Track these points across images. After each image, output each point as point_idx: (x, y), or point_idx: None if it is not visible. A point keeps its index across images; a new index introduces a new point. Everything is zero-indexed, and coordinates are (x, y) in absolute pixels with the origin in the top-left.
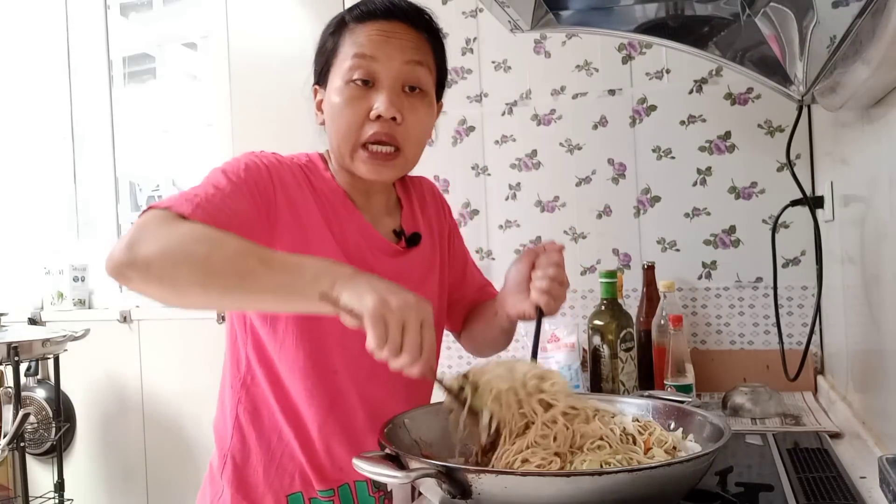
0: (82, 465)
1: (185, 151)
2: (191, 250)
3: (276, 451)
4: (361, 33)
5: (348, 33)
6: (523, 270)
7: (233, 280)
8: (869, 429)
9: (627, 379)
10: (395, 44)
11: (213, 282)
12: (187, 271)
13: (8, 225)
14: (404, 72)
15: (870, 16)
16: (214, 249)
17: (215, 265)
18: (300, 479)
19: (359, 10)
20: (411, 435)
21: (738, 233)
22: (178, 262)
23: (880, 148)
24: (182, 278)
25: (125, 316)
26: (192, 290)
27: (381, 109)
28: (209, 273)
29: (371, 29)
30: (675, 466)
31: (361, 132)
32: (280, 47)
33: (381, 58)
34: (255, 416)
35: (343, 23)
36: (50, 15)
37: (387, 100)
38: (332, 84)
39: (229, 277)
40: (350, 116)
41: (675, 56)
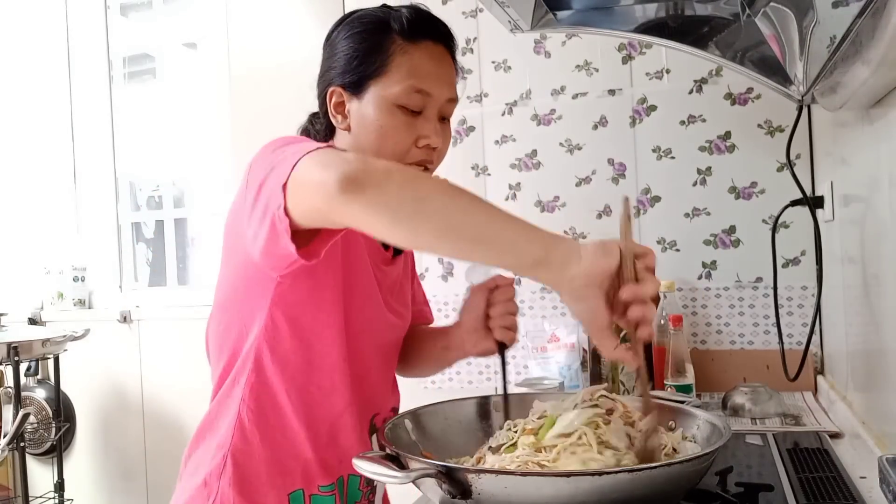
0: (82, 465)
1: (185, 151)
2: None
3: (281, 449)
4: (415, 57)
5: (399, 52)
6: (479, 308)
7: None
8: (869, 429)
9: (627, 379)
10: (444, 78)
11: (457, 194)
12: (428, 182)
13: (8, 225)
14: (445, 108)
15: (870, 16)
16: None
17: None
18: (302, 475)
19: (409, 26)
20: (411, 435)
21: (738, 233)
22: (415, 175)
23: (880, 148)
24: (425, 186)
25: (125, 316)
26: (438, 199)
27: (432, 141)
28: (451, 187)
29: (424, 54)
30: (675, 466)
31: (408, 155)
32: (280, 48)
33: (434, 94)
34: (260, 415)
35: (389, 31)
36: (50, 15)
37: (435, 132)
38: (373, 99)
39: (470, 197)
40: (400, 141)
41: (675, 56)
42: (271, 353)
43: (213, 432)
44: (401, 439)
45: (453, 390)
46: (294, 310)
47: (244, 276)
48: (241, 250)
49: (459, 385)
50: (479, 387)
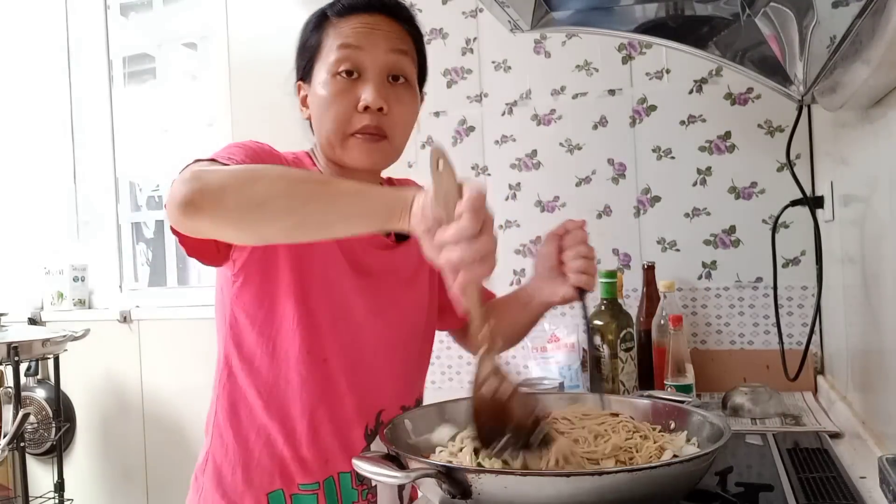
0: (82, 465)
1: (185, 151)
2: (265, 170)
3: (254, 448)
4: (345, 26)
5: (331, 28)
6: (551, 255)
7: (315, 188)
8: (869, 429)
9: (627, 379)
10: (380, 34)
11: (296, 190)
12: (268, 183)
13: (8, 225)
14: (389, 61)
15: (870, 16)
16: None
17: (293, 176)
18: (280, 475)
19: (340, 5)
20: (411, 435)
21: (738, 233)
22: (255, 178)
23: (880, 148)
24: (262, 191)
25: (125, 316)
26: (274, 202)
27: (370, 100)
28: (291, 182)
29: (355, 22)
30: (675, 466)
31: (350, 123)
32: (280, 47)
33: (367, 47)
34: (233, 415)
35: (325, 17)
36: (50, 15)
37: (374, 91)
38: (318, 78)
39: (311, 187)
40: (338, 108)
41: (675, 56)
42: (237, 350)
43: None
44: (401, 439)
45: (453, 390)
46: (251, 306)
47: (218, 278)
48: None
49: (459, 385)
50: None
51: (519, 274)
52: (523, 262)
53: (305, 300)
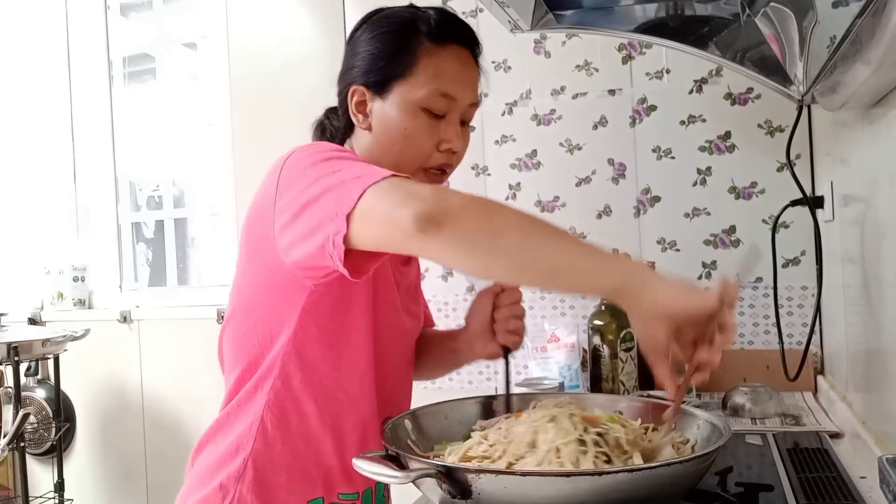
0: (82, 465)
1: (185, 151)
2: (500, 203)
3: (303, 456)
4: (441, 60)
5: (425, 54)
6: (486, 311)
7: (551, 231)
8: (869, 429)
9: (627, 379)
10: (469, 83)
11: (534, 228)
12: (505, 217)
13: (8, 225)
14: (468, 114)
15: (870, 16)
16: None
17: (530, 216)
18: (323, 483)
19: (437, 28)
20: (411, 435)
21: (738, 233)
22: (493, 209)
23: (880, 148)
24: (501, 222)
25: (125, 316)
26: (513, 235)
27: (454, 146)
28: (527, 220)
29: (450, 58)
30: (675, 466)
31: (430, 158)
32: (280, 47)
33: (458, 99)
34: (283, 421)
35: (416, 32)
36: (50, 15)
37: (457, 136)
38: (398, 100)
39: (547, 229)
40: (422, 144)
41: (675, 56)
42: (299, 359)
43: (229, 435)
44: (401, 439)
45: (453, 390)
46: (325, 317)
47: (270, 281)
48: (268, 255)
49: (459, 385)
50: (479, 387)
51: None
52: None
53: (375, 316)
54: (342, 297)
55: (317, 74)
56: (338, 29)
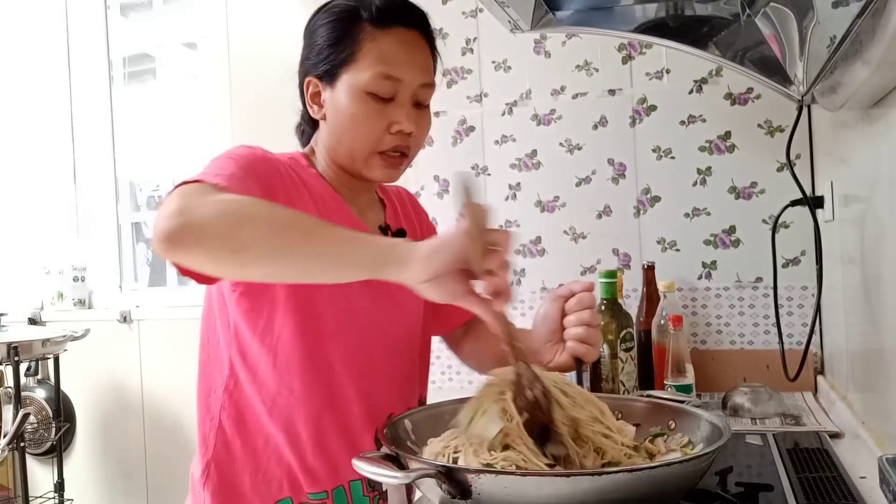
0: (82, 465)
1: (185, 151)
2: (252, 210)
3: (262, 456)
4: (384, 44)
5: (368, 39)
6: (555, 318)
7: (300, 236)
8: (869, 429)
9: (627, 379)
10: (416, 64)
11: (280, 239)
12: (253, 229)
13: (8, 225)
14: (420, 94)
15: (870, 16)
16: (276, 210)
17: (280, 221)
18: (288, 483)
19: (377, 11)
20: (411, 435)
21: (738, 233)
22: (240, 222)
23: (880, 148)
24: (246, 237)
25: (125, 316)
26: (257, 250)
27: (404, 126)
28: (276, 229)
29: (393, 40)
30: (675, 466)
31: (381, 142)
32: (280, 47)
33: (405, 80)
34: (240, 422)
35: (357, 18)
36: (50, 15)
37: (408, 117)
38: (345, 87)
39: (296, 234)
40: (370, 128)
41: (675, 56)
42: (241, 358)
43: (201, 440)
44: (401, 439)
45: (453, 390)
46: (250, 314)
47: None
48: None
49: (459, 385)
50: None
51: (519, 274)
52: (523, 261)
53: (308, 306)
54: (263, 293)
55: None
56: None
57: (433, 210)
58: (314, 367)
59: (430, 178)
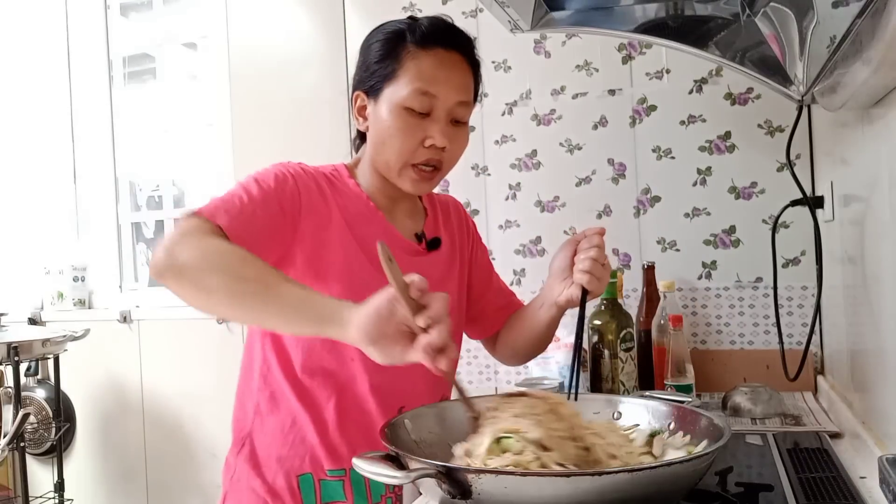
0: (82, 465)
1: (185, 151)
2: (224, 261)
3: (290, 434)
4: (424, 62)
5: (409, 58)
6: (566, 257)
7: (256, 291)
8: (869, 429)
9: (627, 379)
10: (452, 82)
11: (240, 290)
12: (219, 278)
13: (8, 225)
14: (456, 112)
15: (870, 16)
16: (245, 264)
17: (243, 275)
18: (310, 460)
19: (421, 33)
20: (411, 435)
21: (738, 233)
22: (211, 270)
23: (880, 148)
24: (213, 284)
25: (125, 316)
26: (219, 295)
27: (438, 142)
28: (237, 280)
29: (433, 59)
30: (675, 466)
31: (414, 155)
32: (280, 47)
33: (440, 97)
34: (273, 404)
35: (402, 39)
36: (50, 15)
37: (442, 133)
38: (386, 102)
39: (253, 289)
40: (405, 141)
41: (675, 56)
42: (273, 346)
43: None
44: (401, 439)
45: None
46: None
47: None
48: None
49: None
50: (480, 387)
51: (519, 274)
52: (523, 261)
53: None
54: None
55: (316, 74)
56: (337, 29)
57: None
58: (334, 358)
59: None
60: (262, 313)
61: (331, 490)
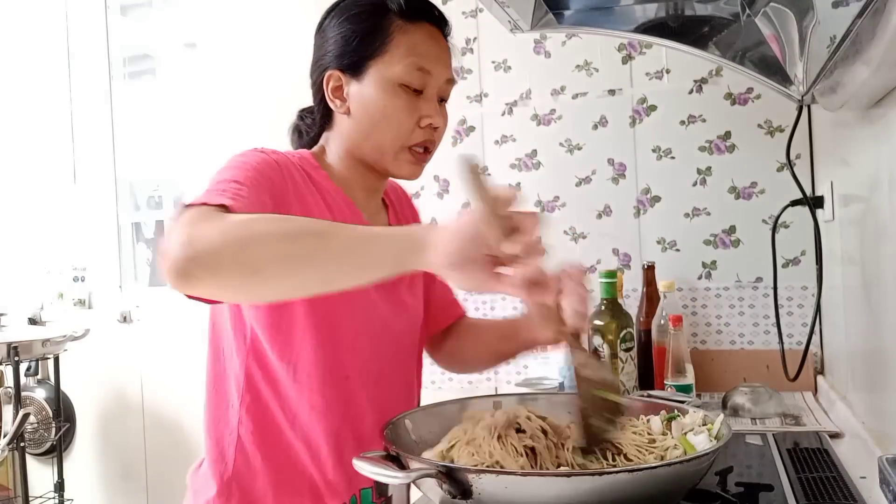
0: (82, 465)
1: (185, 151)
2: (260, 228)
3: (285, 469)
4: (415, 37)
5: (399, 31)
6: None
7: (314, 243)
8: (869, 429)
9: (627, 379)
10: (443, 59)
11: (293, 249)
12: (264, 247)
13: (8, 225)
14: (445, 90)
15: (870, 16)
16: (284, 222)
17: (291, 233)
18: (310, 495)
19: (407, 7)
20: (412, 435)
21: (738, 233)
22: (250, 243)
23: (880, 148)
24: (259, 257)
25: (125, 316)
26: (272, 267)
27: (434, 120)
28: (288, 242)
29: (423, 34)
30: (675, 466)
31: (410, 136)
32: (280, 47)
33: (434, 73)
34: (260, 437)
35: (387, 12)
36: (50, 15)
37: (437, 111)
38: (374, 78)
39: (310, 242)
40: (403, 122)
41: (675, 56)
42: (262, 372)
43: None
44: (401, 439)
45: (453, 390)
46: (269, 330)
47: None
48: None
49: (459, 385)
50: (479, 387)
51: None
52: None
53: (327, 320)
54: (281, 308)
55: None
56: None
57: (433, 210)
58: (332, 381)
59: (430, 178)
60: (327, 269)
61: None
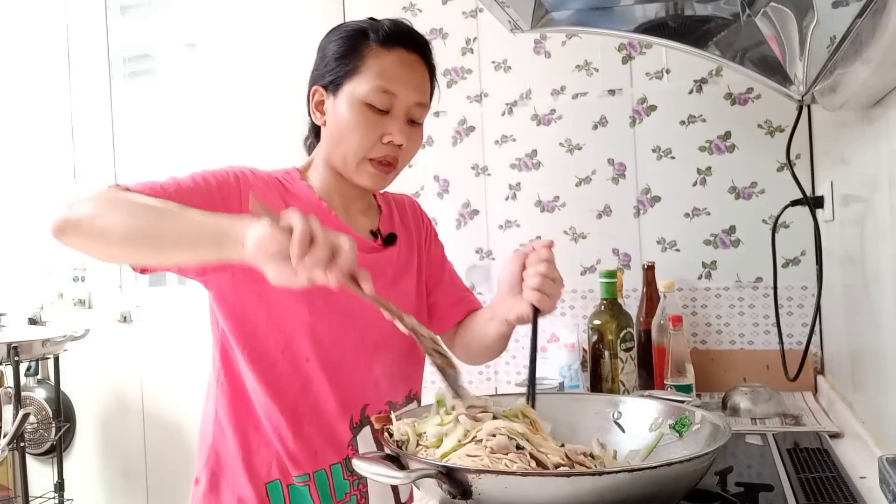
0: (82, 465)
1: (185, 151)
2: (122, 201)
3: (253, 441)
4: (386, 61)
5: (372, 56)
6: (514, 272)
7: (153, 219)
8: (869, 429)
9: (627, 379)
10: (412, 83)
11: (135, 223)
12: (114, 216)
13: (8, 225)
14: (414, 112)
15: (870, 16)
16: (145, 200)
17: (141, 209)
18: (277, 466)
19: (384, 33)
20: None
21: (738, 233)
22: (106, 211)
23: (880, 148)
24: (108, 223)
25: (125, 316)
26: (115, 234)
27: (395, 138)
28: (133, 215)
29: (395, 59)
30: (675, 466)
31: (372, 150)
32: (279, 47)
33: (400, 95)
34: (233, 411)
35: (365, 37)
36: (50, 14)
37: (399, 130)
38: (346, 97)
39: (150, 218)
40: (364, 136)
41: (675, 56)
42: (225, 353)
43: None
44: None
45: None
46: (228, 314)
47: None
48: None
49: None
50: (479, 387)
51: None
52: None
53: (278, 306)
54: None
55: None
56: None
57: (433, 210)
58: (287, 360)
59: (430, 178)
60: (160, 245)
61: (299, 496)
